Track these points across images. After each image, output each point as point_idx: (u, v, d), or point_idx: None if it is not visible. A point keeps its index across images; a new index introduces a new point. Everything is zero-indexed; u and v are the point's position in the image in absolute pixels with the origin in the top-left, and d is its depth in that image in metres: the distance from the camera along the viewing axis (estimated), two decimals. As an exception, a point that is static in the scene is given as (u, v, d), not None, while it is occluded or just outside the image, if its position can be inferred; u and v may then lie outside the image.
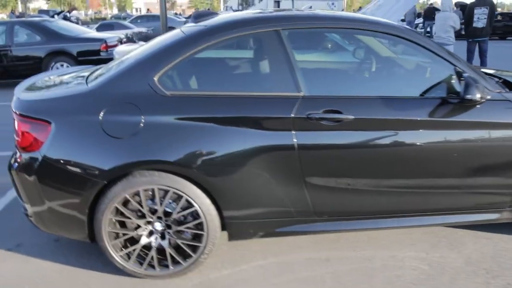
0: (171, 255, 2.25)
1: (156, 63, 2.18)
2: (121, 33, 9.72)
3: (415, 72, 2.25)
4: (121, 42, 8.29)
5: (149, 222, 2.23)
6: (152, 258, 2.26)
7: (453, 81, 2.25)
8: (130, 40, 9.12)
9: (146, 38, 9.43)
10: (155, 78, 2.15)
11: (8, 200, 3.35)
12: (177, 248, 2.28)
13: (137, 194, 2.14)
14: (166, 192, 2.14)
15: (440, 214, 2.36)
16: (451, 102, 2.20)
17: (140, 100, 2.12)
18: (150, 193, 2.16)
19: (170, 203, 2.19)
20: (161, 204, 2.16)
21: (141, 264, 2.27)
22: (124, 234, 2.23)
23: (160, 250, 2.27)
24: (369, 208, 2.30)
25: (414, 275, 2.29)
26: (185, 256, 2.28)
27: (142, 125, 2.07)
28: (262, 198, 2.20)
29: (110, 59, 7.72)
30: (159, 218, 2.22)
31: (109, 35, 8.27)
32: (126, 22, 16.32)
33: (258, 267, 2.41)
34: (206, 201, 2.17)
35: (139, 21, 18.17)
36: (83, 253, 2.60)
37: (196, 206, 2.16)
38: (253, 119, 2.12)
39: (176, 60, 2.17)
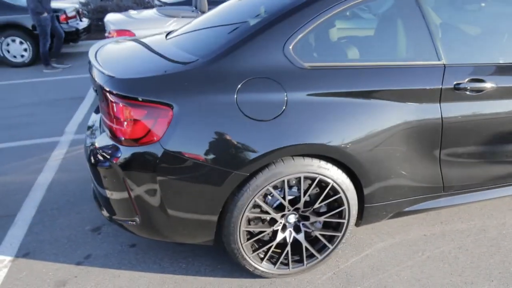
0: (306, 249, 2.01)
1: (288, 29, 1.84)
2: (70, 3, 8.53)
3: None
4: (78, 13, 7.26)
5: (282, 216, 1.95)
6: (286, 255, 2.00)
7: None
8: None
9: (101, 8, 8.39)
10: (291, 47, 1.83)
11: (35, 204, 2.77)
12: (310, 241, 2.04)
13: (280, 184, 1.85)
14: (312, 179, 1.87)
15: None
16: None
17: (278, 74, 1.78)
18: (294, 182, 1.88)
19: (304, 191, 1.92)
20: (305, 193, 1.89)
21: (274, 263, 2.00)
22: (260, 232, 1.93)
23: (285, 245, 2.01)
24: (495, 178, 2.24)
25: (536, 240, 2.32)
26: (319, 248, 2.05)
27: (286, 103, 1.75)
28: (402, 176, 2.02)
29: (70, 33, 6.79)
30: (295, 209, 1.95)
31: (65, 5, 7.18)
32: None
33: (382, 249, 2.27)
34: (351, 186, 1.94)
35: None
36: (176, 257, 2.23)
37: (341, 193, 1.93)
38: (400, 91, 1.91)
39: (312, 25, 1.85)
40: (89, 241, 2.38)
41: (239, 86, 1.74)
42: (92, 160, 1.91)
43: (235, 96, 1.72)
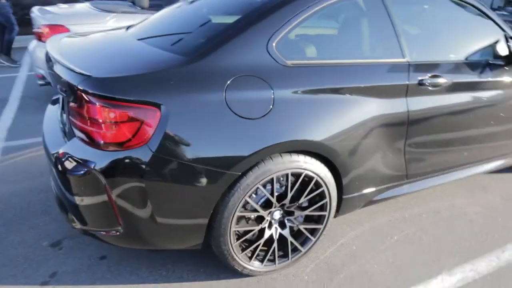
0: (291, 243, 2.04)
1: (272, 26, 1.84)
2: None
3: (480, 38, 2.46)
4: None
5: (269, 213, 1.95)
6: (273, 251, 2.01)
7: (499, 45, 2.52)
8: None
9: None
10: (274, 45, 1.83)
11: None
12: (293, 235, 2.07)
13: (269, 182, 1.85)
14: (298, 175, 1.90)
15: (487, 162, 2.71)
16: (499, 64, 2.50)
17: (264, 72, 1.78)
18: (282, 179, 1.89)
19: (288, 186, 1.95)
20: (291, 189, 1.91)
21: (261, 261, 2.00)
22: (247, 231, 1.91)
23: (271, 242, 2.03)
24: (450, 163, 2.48)
25: (481, 218, 2.61)
26: (302, 241, 2.09)
27: (273, 101, 1.75)
28: (374, 167, 2.14)
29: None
30: (281, 206, 1.97)
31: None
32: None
33: (355, 238, 2.38)
34: (332, 180, 2.01)
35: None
36: (154, 265, 2.12)
37: (324, 187, 1.99)
38: (374, 87, 2.01)
39: (294, 22, 1.87)
40: (51, 257, 2.16)
41: (227, 84, 1.70)
42: (62, 168, 1.73)
43: (224, 94, 1.68)
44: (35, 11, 4.16)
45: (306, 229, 2.08)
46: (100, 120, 1.60)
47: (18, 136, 3.70)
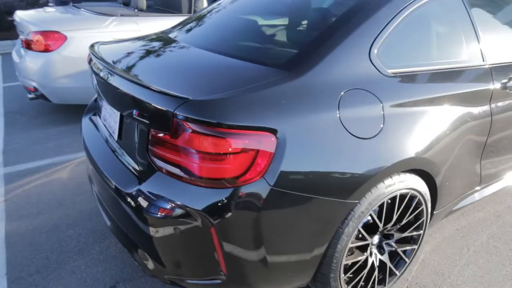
0: (389, 268, 1.87)
1: (372, 30, 1.64)
2: None
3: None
4: None
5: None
6: (373, 280, 1.82)
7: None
8: None
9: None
10: (376, 52, 1.63)
11: (1, 270, 2.04)
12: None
13: (380, 207, 1.65)
14: (404, 196, 1.72)
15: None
16: None
17: (369, 84, 1.58)
18: (389, 201, 1.70)
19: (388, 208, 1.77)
20: (397, 211, 1.73)
21: (362, 291, 1.81)
22: (354, 263, 1.71)
23: (371, 270, 1.84)
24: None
25: (543, 218, 2.58)
26: (395, 264, 1.93)
27: (384, 117, 1.56)
28: (460, 177, 2.02)
29: None
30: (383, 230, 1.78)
31: None
32: None
33: (433, 252, 2.24)
34: (429, 197, 1.85)
35: None
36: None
37: (423, 204, 1.83)
38: (464, 94, 1.87)
39: (393, 25, 1.68)
40: (111, 308, 1.84)
41: (339, 100, 1.48)
42: (139, 208, 1.44)
43: (338, 112, 1.47)
44: (20, 15, 3.66)
45: (403, 251, 1.92)
46: (206, 152, 1.33)
47: (17, 160, 3.25)
